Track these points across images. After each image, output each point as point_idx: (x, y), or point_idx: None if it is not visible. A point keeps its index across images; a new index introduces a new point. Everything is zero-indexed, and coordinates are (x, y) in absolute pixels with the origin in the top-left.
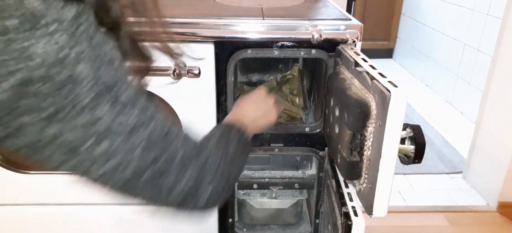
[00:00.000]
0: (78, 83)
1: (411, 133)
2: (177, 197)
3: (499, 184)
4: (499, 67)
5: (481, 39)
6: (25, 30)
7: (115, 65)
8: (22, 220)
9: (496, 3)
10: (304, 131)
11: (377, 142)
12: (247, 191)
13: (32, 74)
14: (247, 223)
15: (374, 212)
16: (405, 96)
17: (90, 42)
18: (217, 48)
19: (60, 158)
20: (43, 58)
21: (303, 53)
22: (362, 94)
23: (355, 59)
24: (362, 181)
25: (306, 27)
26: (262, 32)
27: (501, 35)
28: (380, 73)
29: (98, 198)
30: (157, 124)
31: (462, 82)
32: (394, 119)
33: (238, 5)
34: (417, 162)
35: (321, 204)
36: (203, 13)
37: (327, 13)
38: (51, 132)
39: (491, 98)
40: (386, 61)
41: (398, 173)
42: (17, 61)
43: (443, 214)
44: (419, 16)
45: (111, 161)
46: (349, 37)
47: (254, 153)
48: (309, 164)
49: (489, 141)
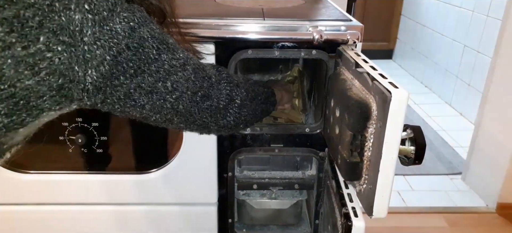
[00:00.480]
0: (144, 42)
1: (411, 134)
2: (222, 111)
3: (498, 186)
4: (498, 68)
5: (481, 41)
6: (110, 16)
7: (155, 23)
8: (23, 220)
9: (496, 5)
10: (304, 131)
11: (377, 143)
12: (247, 192)
13: (120, 46)
14: (246, 223)
15: (374, 213)
16: (406, 97)
17: (137, 10)
18: (218, 48)
19: (143, 100)
20: (123, 32)
21: (303, 53)
22: (363, 95)
23: (356, 60)
24: (362, 182)
25: (307, 27)
26: (263, 33)
27: (501, 37)
28: (381, 74)
29: (99, 198)
30: (193, 58)
31: (462, 84)
32: (395, 120)
33: (239, 5)
34: (417, 163)
35: (321, 204)
36: (204, 14)
37: (327, 13)
38: (136, 82)
39: (491, 100)
40: (386, 62)
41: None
42: (111, 39)
43: (442, 215)
44: (419, 17)
45: (176, 93)
46: (349, 38)
47: (254, 153)
48: (309, 165)
49: (488, 143)
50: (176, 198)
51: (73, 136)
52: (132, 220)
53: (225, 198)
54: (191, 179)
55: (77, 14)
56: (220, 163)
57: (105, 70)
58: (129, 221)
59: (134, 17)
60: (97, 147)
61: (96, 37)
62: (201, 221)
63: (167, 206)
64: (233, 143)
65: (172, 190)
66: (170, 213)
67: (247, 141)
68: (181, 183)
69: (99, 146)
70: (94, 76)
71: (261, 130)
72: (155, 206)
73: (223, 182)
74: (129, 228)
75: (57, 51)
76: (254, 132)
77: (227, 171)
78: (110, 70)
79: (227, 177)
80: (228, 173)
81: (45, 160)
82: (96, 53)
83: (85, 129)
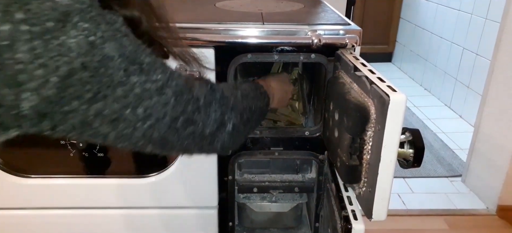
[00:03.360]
0: (109, 62)
1: (410, 137)
2: (208, 138)
3: (498, 188)
4: (497, 70)
5: (479, 43)
6: (60, 28)
7: (131, 37)
8: (24, 225)
9: (495, 7)
10: (304, 135)
11: (376, 146)
12: (247, 195)
13: (73, 66)
14: (247, 226)
15: (374, 216)
16: (404, 100)
17: (105, 21)
18: (217, 52)
19: (106, 129)
20: (78, 48)
21: (302, 57)
22: (361, 99)
23: (354, 64)
24: (362, 185)
25: (306, 32)
26: (262, 37)
27: (499, 39)
28: (379, 78)
29: (99, 202)
30: (177, 78)
31: (461, 86)
32: (393, 123)
33: (238, 10)
34: (416, 166)
35: (321, 207)
36: (203, 18)
37: (326, 18)
38: (95, 109)
39: (490, 102)
40: (385, 65)
41: (397, 176)
42: (59, 57)
43: (442, 218)
44: (418, 20)
45: (149, 120)
46: (348, 41)
47: (254, 156)
48: (308, 168)
49: (488, 145)
50: (176, 201)
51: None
52: (133, 224)
53: (226, 202)
54: (191, 182)
55: (5, 24)
56: (220, 166)
57: (50, 93)
58: (130, 225)
59: (97, 30)
60: (98, 151)
61: (35, 53)
62: (202, 224)
63: (168, 209)
64: None
65: (172, 193)
66: (170, 216)
67: (247, 144)
68: (182, 187)
69: (99, 150)
70: (34, 100)
71: (261, 133)
72: (156, 210)
73: (224, 185)
74: (130, 232)
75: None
76: (254, 136)
77: (227, 174)
78: (58, 94)
79: (227, 181)
80: (228, 176)
81: (46, 164)
82: (34, 73)
83: None
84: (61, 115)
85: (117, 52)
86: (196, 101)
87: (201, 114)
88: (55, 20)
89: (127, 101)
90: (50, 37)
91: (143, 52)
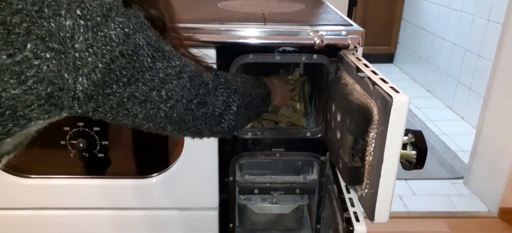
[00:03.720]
0: (139, 50)
1: (413, 139)
2: (217, 118)
3: (500, 190)
4: (499, 72)
5: (481, 45)
6: (104, 22)
7: (151, 29)
8: (24, 225)
9: (497, 9)
10: (306, 136)
11: (379, 148)
12: (248, 196)
13: (114, 53)
14: (248, 228)
15: (376, 218)
16: (407, 102)
17: (133, 16)
18: (219, 53)
19: (136, 110)
20: (117, 39)
21: (304, 58)
22: (364, 100)
23: (357, 65)
24: (364, 186)
25: (308, 32)
26: (264, 38)
27: (502, 41)
28: (382, 79)
29: (100, 203)
30: (190, 64)
31: (463, 88)
32: (396, 125)
33: (240, 10)
34: (419, 168)
35: (323, 209)
36: (205, 19)
37: (328, 18)
38: (129, 91)
39: (492, 104)
40: (387, 66)
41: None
42: (104, 46)
43: (444, 220)
44: (420, 22)
45: (170, 102)
46: (350, 42)
47: (255, 157)
48: (310, 169)
49: (490, 147)
50: (177, 202)
51: (75, 141)
52: (133, 224)
53: (226, 203)
54: (192, 183)
55: (68, 20)
56: (221, 167)
57: (97, 78)
58: (130, 225)
59: (129, 23)
60: (98, 151)
61: (88, 43)
62: (202, 225)
63: (168, 210)
64: (234, 148)
65: (173, 194)
66: (171, 217)
67: (248, 145)
68: (182, 188)
69: (100, 151)
70: (85, 84)
71: (262, 134)
72: (156, 211)
73: (224, 186)
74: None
75: (45, 58)
76: (255, 137)
77: (228, 175)
78: (103, 78)
79: (228, 182)
80: (229, 177)
81: (47, 164)
82: (87, 60)
83: (86, 133)
84: (103, 97)
85: (145, 41)
86: (206, 85)
87: (211, 97)
88: (101, 15)
89: (153, 84)
90: (98, 29)
91: (163, 41)
